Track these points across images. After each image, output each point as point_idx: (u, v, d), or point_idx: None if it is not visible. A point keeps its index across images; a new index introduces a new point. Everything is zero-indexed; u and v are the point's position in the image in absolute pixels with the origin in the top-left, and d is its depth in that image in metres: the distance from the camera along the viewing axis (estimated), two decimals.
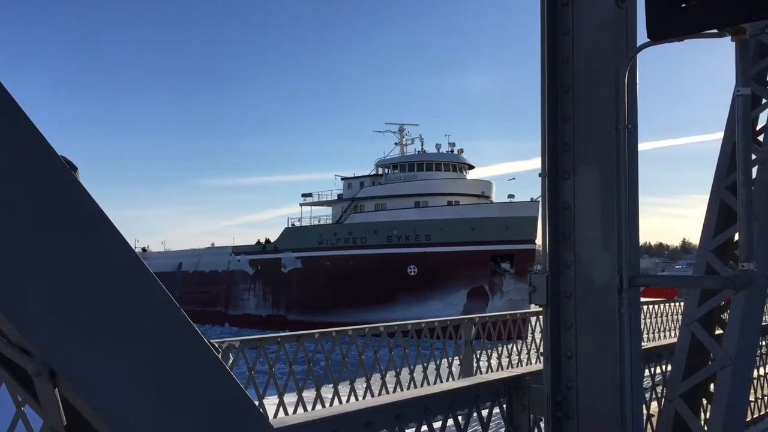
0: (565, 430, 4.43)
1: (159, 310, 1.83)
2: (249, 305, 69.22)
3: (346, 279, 61.49)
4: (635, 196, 4.45)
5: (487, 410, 4.63)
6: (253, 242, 74.10)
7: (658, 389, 6.50)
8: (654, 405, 6.46)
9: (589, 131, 4.48)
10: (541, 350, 4.86)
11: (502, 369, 12.66)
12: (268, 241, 71.94)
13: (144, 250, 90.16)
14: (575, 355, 4.44)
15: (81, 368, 1.66)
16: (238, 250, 72.41)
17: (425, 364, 12.19)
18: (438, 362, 12.51)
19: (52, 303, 1.63)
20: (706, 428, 5.19)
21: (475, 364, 12.96)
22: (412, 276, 61.23)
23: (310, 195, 73.82)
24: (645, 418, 5.93)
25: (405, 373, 11.76)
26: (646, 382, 6.35)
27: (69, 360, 1.65)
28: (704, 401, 5.46)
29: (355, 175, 72.59)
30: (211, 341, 1.99)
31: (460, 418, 4.39)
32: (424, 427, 4.11)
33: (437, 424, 4.26)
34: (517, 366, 13.24)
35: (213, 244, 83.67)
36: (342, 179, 73.11)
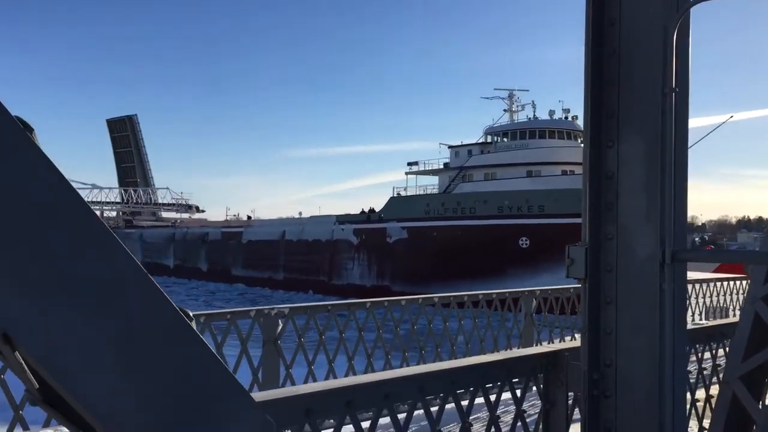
0: (602, 409, 4.42)
1: (121, 273, 1.83)
2: (353, 275, 70.67)
3: (453, 250, 61.57)
4: (684, 164, 4.33)
5: (521, 386, 4.68)
6: (339, 212, 75.75)
7: (709, 372, 6.29)
8: (702, 389, 6.27)
9: (635, 96, 4.38)
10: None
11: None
12: (372, 210, 72.97)
13: (249, 218, 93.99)
14: (614, 331, 4.40)
15: (35, 331, 1.68)
16: (342, 219, 73.88)
17: (482, 336, 12.31)
18: (495, 334, 12.59)
19: (2, 264, 1.65)
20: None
21: (535, 338, 12.96)
22: (523, 248, 60.58)
23: (416, 163, 74.09)
24: (690, 401, 5.78)
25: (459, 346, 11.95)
26: (695, 365, 6.17)
27: (22, 323, 1.66)
28: (765, 385, 5.25)
29: (463, 143, 72.16)
30: (183, 309, 1.97)
31: (493, 394, 4.48)
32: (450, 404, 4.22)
33: (463, 402, 4.36)
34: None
35: (300, 213, 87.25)
36: (449, 147, 72.78)
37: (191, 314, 2.06)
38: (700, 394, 6.21)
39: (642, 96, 4.34)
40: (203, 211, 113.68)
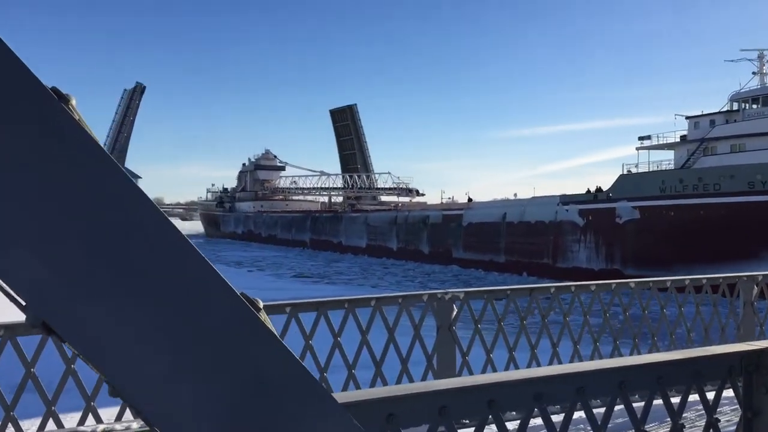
0: None
1: (174, 260, 1.69)
2: (579, 258, 68.22)
3: (694, 231, 57.29)
4: None
5: (715, 390, 4.02)
6: (556, 191, 73.25)
7: None
8: None
9: None
10: None
11: None
12: (599, 189, 69.97)
13: (470, 199, 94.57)
14: None
15: (76, 322, 1.60)
16: (566, 200, 71.58)
17: (689, 327, 11.25)
18: (707, 324, 11.53)
19: (41, 249, 1.56)
20: None
21: (757, 330, 11.64)
22: None
23: (648, 137, 69.71)
24: None
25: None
26: None
27: (61, 312, 1.58)
28: None
29: (703, 113, 66.68)
30: (251, 298, 1.81)
31: (676, 398, 3.89)
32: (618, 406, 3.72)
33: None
34: None
35: (515, 194, 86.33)
36: (686, 118, 67.57)
37: (260, 304, 1.85)
38: None
39: None
40: (423, 195, 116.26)
